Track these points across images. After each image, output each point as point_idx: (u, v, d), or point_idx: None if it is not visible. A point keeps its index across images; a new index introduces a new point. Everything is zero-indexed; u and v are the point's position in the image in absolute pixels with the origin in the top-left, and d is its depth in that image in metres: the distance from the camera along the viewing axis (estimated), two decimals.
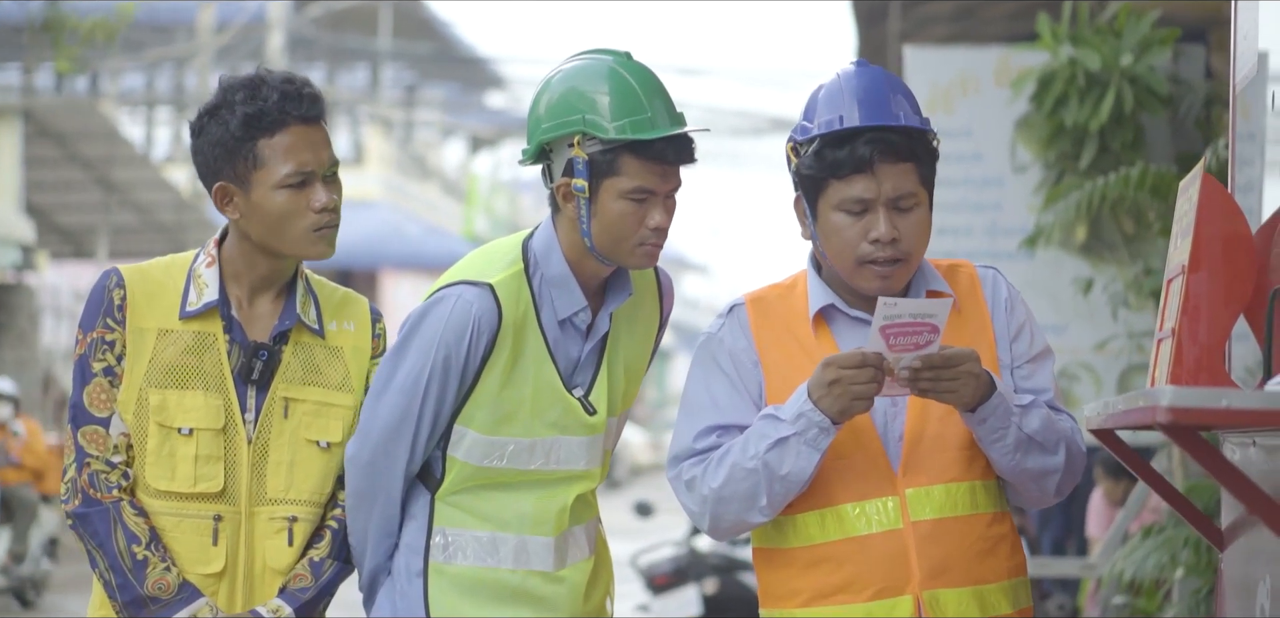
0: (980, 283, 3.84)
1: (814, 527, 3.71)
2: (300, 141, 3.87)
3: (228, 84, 3.90)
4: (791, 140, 3.77)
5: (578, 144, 3.80)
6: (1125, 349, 8.08)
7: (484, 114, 46.69)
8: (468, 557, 3.95)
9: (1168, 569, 7.02)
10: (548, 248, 3.92)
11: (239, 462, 3.90)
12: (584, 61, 3.91)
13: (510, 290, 3.89)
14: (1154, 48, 7.90)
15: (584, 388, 3.97)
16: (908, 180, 3.67)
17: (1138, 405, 3.05)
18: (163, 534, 3.87)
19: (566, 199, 3.86)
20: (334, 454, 3.97)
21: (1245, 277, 3.38)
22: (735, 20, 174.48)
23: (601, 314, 3.97)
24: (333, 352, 4.00)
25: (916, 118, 3.71)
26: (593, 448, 3.99)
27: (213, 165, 3.88)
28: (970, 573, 3.68)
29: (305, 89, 3.90)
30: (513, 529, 3.95)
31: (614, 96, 3.81)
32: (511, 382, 3.90)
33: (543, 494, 3.96)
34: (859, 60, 3.79)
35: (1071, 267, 8.12)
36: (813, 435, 3.60)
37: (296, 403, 3.94)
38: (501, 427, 3.91)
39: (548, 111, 3.86)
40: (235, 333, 3.91)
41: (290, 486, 3.93)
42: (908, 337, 3.51)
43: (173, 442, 3.86)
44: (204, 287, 3.91)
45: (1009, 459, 3.68)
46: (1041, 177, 8.21)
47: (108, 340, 3.87)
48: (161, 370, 3.87)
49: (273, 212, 3.85)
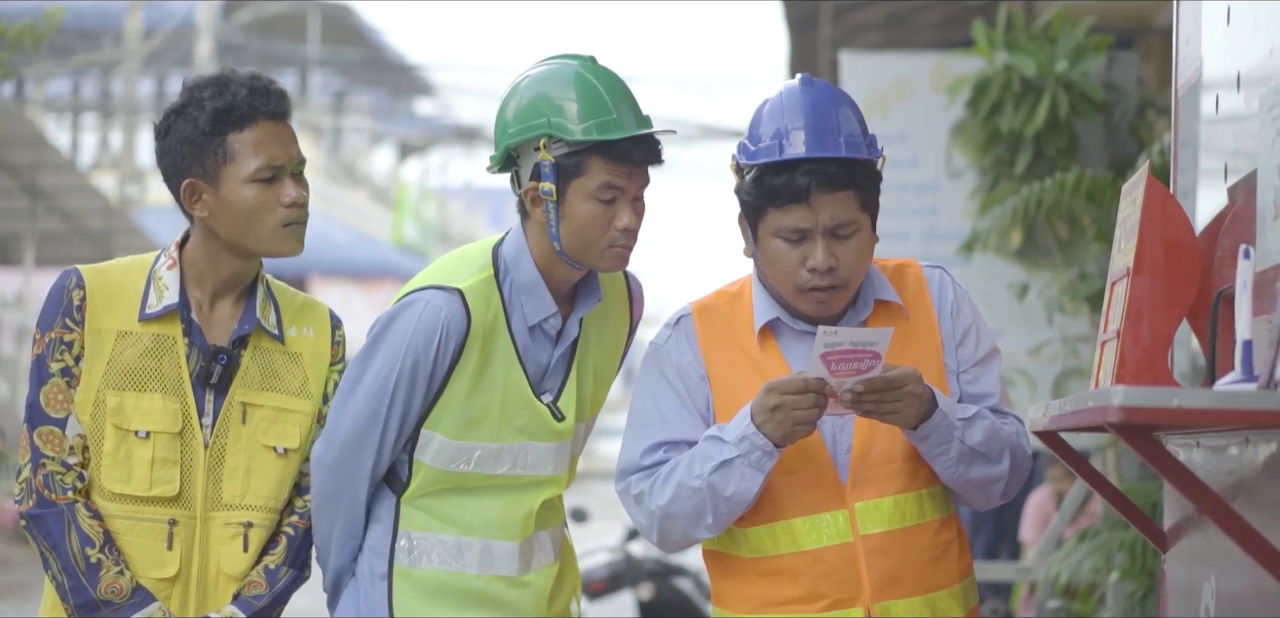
0: (927, 284, 3.85)
1: (765, 540, 3.72)
2: (269, 136, 3.86)
3: (194, 83, 3.89)
4: (734, 159, 3.77)
5: (544, 147, 3.80)
6: (1060, 354, 8.14)
7: (413, 121, 46.60)
8: (432, 560, 3.94)
9: (1103, 572, 7.07)
10: (518, 253, 3.91)
11: (195, 466, 3.87)
12: (549, 67, 3.91)
13: (480, 296, 3.88)
14: (1088, 54, 7.96)
15: (553, 394, 3.96)
16: (846, 209, 3.67)
17: (1087, 406, 3.05)
18: (117, 537, 3.84)
19: (535, 203, 3.85)
20: (291, 460, 3.95)
21: (1189, 279, 3.40)
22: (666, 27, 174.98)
23: (571, 320, 3.96)
24: (292, 357, 3.98)
25: (861, 140, 3.70)
26: (560, 454, 3.98)
27: (181, 163, 3.86)
28: (922, 582, 3.71)
29: (272, 86, 3.90)
30: (478, 534, 3.94)
31: (579, 99, 3.81)
32: (480, 387, 3.89)
33: (509, 499, 3.95)
34: (805, 77, 3.77)
35: (1006, 272, 8.17)
36: (756, 458, 3.61)
37: (254, 408, 3.91)
38: (469, 432, 3.90)
39: (514, 117, 3.86)
40: (194, 336, 3.88)
41: (246, 491, 3.90)
42: (849, 362, 3.52)
43: (129, 444, 3.83)
44: (164, 289, 3.88)
45: (953, 471, 3.70)
46: (977, 182, 8.27)
47: (66, 341, 3.84)
48: (119, 373, 3.84)
49: (243, 206, 3.83)
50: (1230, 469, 3.33)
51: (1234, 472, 3.31)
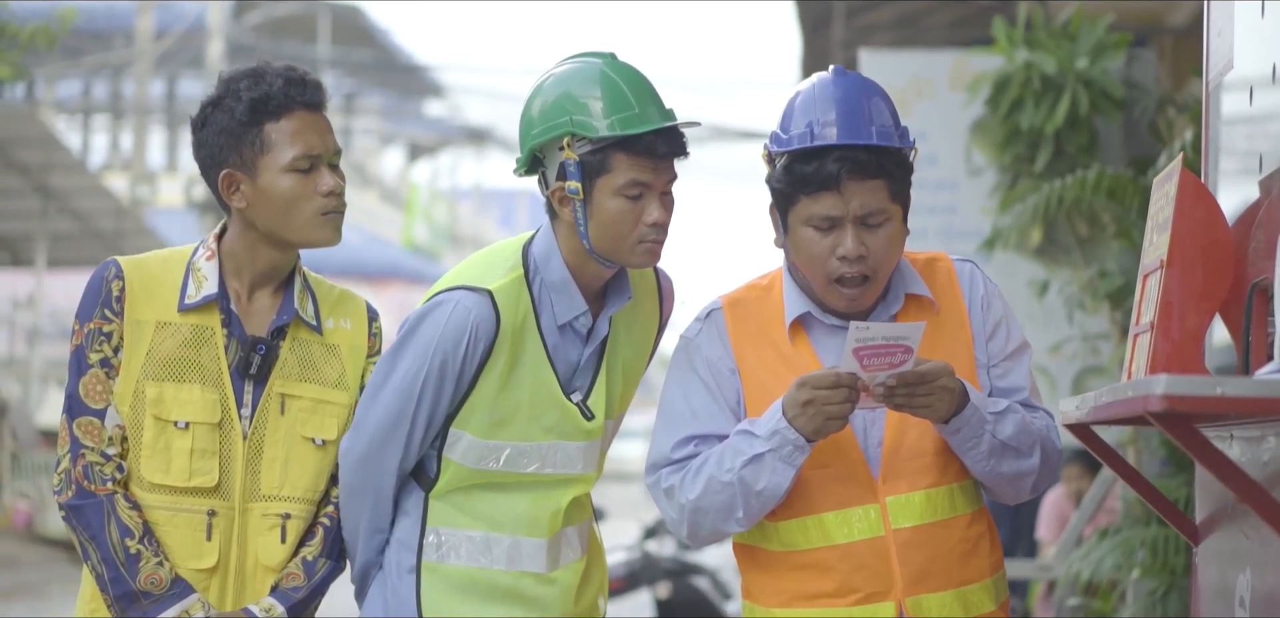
0: (958, 278, 3.84)
1: (796, 534, 3.71)
2: (306, 126, 3.86)
3: (230, 75, 3.89)
4: (766, 148, 3.76)
5: (568, 146, 3.79)
6: (1080, 352, 8.13)
7: (423, 122, 46.63)
8: (461, 557, 3.93)
9: (1124, 570, 7.06)
10: (547, 252, 3.90)
11: (234, 457, 3.87)
12: (572, 65, 3.90)
13: (509, 296, 3.88)
14: (1108, 52, 7.94)
15: (583, 392, 3.95)
16: (877, 197, 3.66)
17: (1126, 396, 3.04)
18: (156, 528, 3.83)
19: (562, 203, 3.84)
20: (328, 451, 3.95)
21: (1223, 272, 3.39)
22: (678, 28, 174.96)
23: (601, 318, 3.96)
24: (330, 349, 3.98)
25: (893, 130, 3.70)
26: (589, 452, 3.98)
27: (218, 154, 3.86)
28: (952, 576, 3.70)
29: (308, 77, 3.90)
30: (506, 530, 3.94)
31: (603, 96, 3.80)
32: (509, 386, 3.88)
33: (537, 496, 3.95)
34: (837, 68, 3.77)
35: (1026, 270, 8.15)
36: (787, 452, 3.61)
37: (293, 399, 3.92)
38: (498, 430, 3.90)
39: (538, 116, 3.86)
40: (233, 327, 3.88)
41: (284, 482, 3.90)
42: (881, 357, 3.51)
43: (168, 435, 3.83)
44: (203, 280, 3.88)
45: (984, 465, 3.69)
46: (996, 180, 8.25)
47: (105, 332, 3.84)
48: (158, 363, 3.84)
49: (280, 196, 3.83)
50: (1267, 461, 3.32)
51: (1270, 463, 3.29)
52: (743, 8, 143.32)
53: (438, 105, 46.44)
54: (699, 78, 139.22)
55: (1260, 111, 3.56)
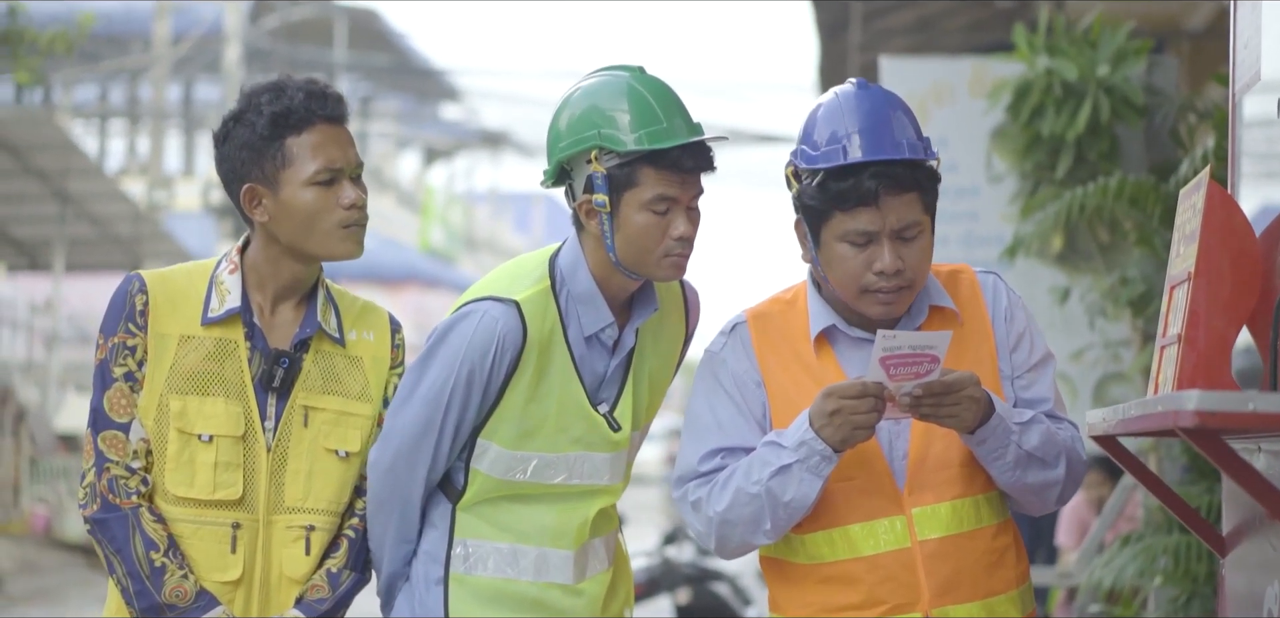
0: (981, 290, 3.85)
1: (823, 546, 3.71)
2: (328, 139, 3.88)
3: (251, 89, 3.91)
4: (792, 164, 3.76)
5: (596, 159, 3.80)
6: (1102, 359, 8.11)
7: (439, 126, 46.67)
8: (488, 568, 3.95)
9: (1146, 577, 7.03)
10: (574, 264, 3.92)
11: (258, 469, 3.88)
12: (600, 79, 3.91)
13: (536, 307, 3.89)
14: (1129, 58, 7.92)
15: (609, 403, 3.97)
16: (912, 210, 3.67)
17: (1156, 411, 3.04)
18: (180, 541, 3.85)
19: (589, 216, 3.85)
20: (351, 464, 3.96)
21: (1250, 284, 3.39)
22: (694, 31, 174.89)
23: (627, 329, 3.97)
24: (353, 361, 3.99)
25: (919, 143, 3.70)
26: (616, 463, 3.99)
27: (240, 168, 3.88)
28: (979, 587, 3.70)
29: (329, 90, 3.92)
30: (533, 542, 3.95)
31: (630, 110, 3.81)
32: (536, 397, 3.90)
33: (564, 508, 3.96)
34: (860, 82, 3.77)
35: (1048, 277, 8.14)
36: (815, 463, 3.61)
37: (316, 411, 3.93)
38: (525, 441, 3.91)
39: (566, 129, 3.87)
40: (257, 340, 3.89)
41: (308, 494, 3.91)
42: (908, 366, 3.52)
43: (192, 448, 3.85)
44: (226, 293, 3.90)
45: (1009, 475, 3.69)
46: (1017, 187, 8.23)
47: (129, 346, 3.86)
48: (182, 376, 3.85)
49: (302, 209, 3.84)
50: None
51: None
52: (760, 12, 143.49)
53: (454, 109, 46.50)
54: (716, 81, 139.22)
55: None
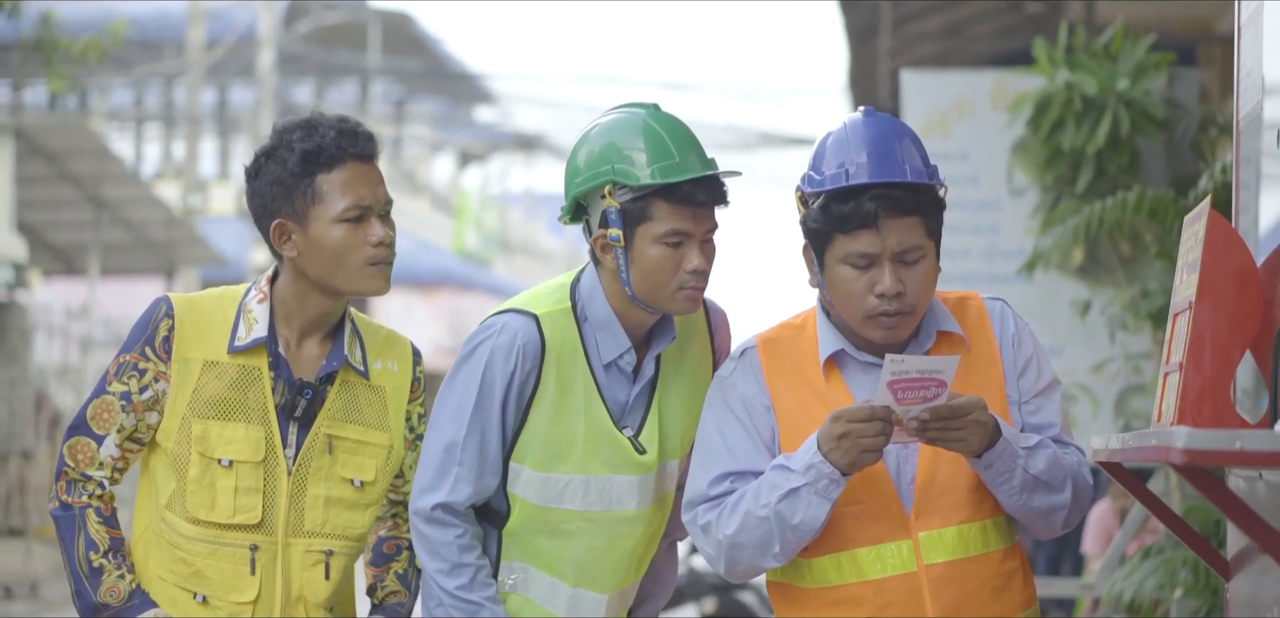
0: (988, 316, 3.88)
1: (830, 570, 3.76)
2: (357, 177, 3.93)
3: (283, 126, 3.97)
4: (799, 190, 3.81)
5: (609, 194, 3.87)
6: (1123, 371, 8.11)
7: (473, 129, 46.69)
8: (532, 593, 4.03)
9: (1166, 590, 7.05)
10: (592, 292, 3.99)
11: (278, 493, 3.94)
12: (617, 116, 3.98)
13: (556, 324, 3.97)
14: (1149, 72, 7.93)
15: (634, 429, 4.02)
16: (913, 234, 3.71)
17: (1150, 444, 3.08)
18: (196, 559, 3.92)
19: (605, 250, 3.93)
20: (367, 493, 4.03)
21: (1252, 312, 3.42)
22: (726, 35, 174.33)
23: (647, 358, 4.03)
24: (375, 391, 4.06)
25: (924, 169, 3.74)
26: (644, 488, 4.04)
27: (270, 204, 3.94)
28: (984, 611, 3.74)
29: (360, 128, 3.98)
30: (569, 582, 4.03)
31: (644, 146, 3.88)
32: (561, 418, 3.97)
33: (597, 542, 4.03)
34: (867, 109, 3.82)
35: (1069, 289, 8.15)
36: (823, 486, 3.65)
37: (339, 440, 3.99)
38: (556, 464, 3.98)
39: (582, 166, 3.94)
40: (281, 370, 3.95)
41: (326, 520, 3.98)
42: (916, 390, 3.56)
43: (212, 472, 3.91)
44: (253, 322, 3.96)
45: (1016, 499, 3.73)
46: (1038, 200, 8.25)
47: (139, 368, 3.93)
48: (205, 401, 3.92)
49: (331, 246, 3.90)
50: None
51: None
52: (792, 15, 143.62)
53: (488, 112, 46.49)
54: (750, 84, 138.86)
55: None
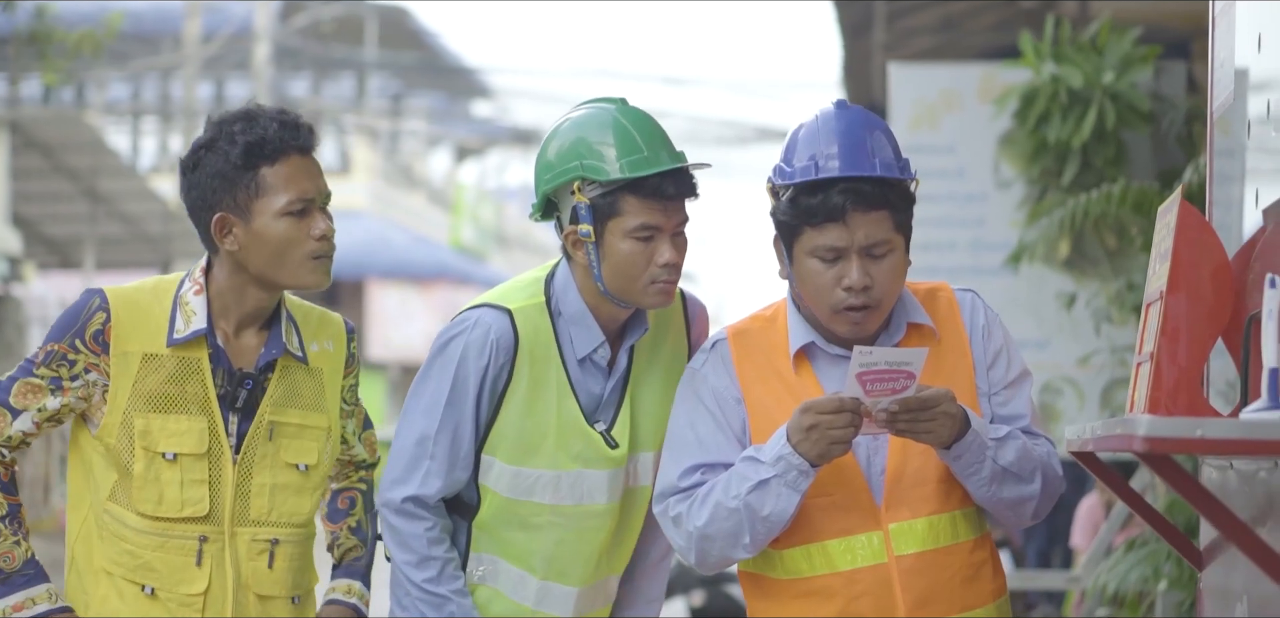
0: (959, 307, 3.89)
1: (801, 561, 3.77)
2: (300, 170, 3.91)
3: (221, 118, 3.93)
4: (770, 181, 3.83)
5: (579, 190, 3.87)
6: (1108, 364, 8.13)
7: (470, 123, 46.68)
8: (500, 584, 4.03)
9: (1151, 582, 7.06)
10: (565, 287, 4.00)
11: (224, 482, 3.93)
12: (584, 112, 3.99)
13: (529, 318, 3.97)
14: (1135, 65, 7.95)
15: (607, 424, 4.03)
16: (881, 228, 3.72)
17: (1115, 432, 3.09)
18: (143, 552, 3.89)
19: (576, 246, 3.93)
20: (311, 477, 4.02)
21: (1223, 302, 3.43)
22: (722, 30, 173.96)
23: (621, 351, 4.03)
24: (313, 373, 4.04)
25: (895, 163, 3.75)
26: (614, 482, 4.04)
27: (210, 197, 3.90)
28: (955, 602, 3.75)
29: (301, 121, 3.95)
30: (538, 574, 4.04)
31: (613, 141, 3.89)
32: (533, 412, 3.97)
33: (568, 535, 4.03)
34: (840, 102, 3.83)
35: (1055, 282, 8.17)
36: (792, 478, 3.66)
37: (280, 426, 3.98)
38: (527, 458, 3.98)
39: (552, 161, 3.95)
40: (220, 361, 3.93)
41: (272, 508, 3.96)
42: (884, 382, 3.57)
43: (157, 466, 3.89)
44: (191, 314, 3.92)
45: (985, 491, 3.74)
46: (1024, 193, 8.27)
47: (68, 358, 3.88)
48: (145, 396, 3.89)
49: (274, 239, 3.88)
50: (1260, 492, 3.35)
51: (1264, 495, 3.33)
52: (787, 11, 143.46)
53: (485, 106, 46.49)
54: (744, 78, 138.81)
55: (1258, 142, 3.59)
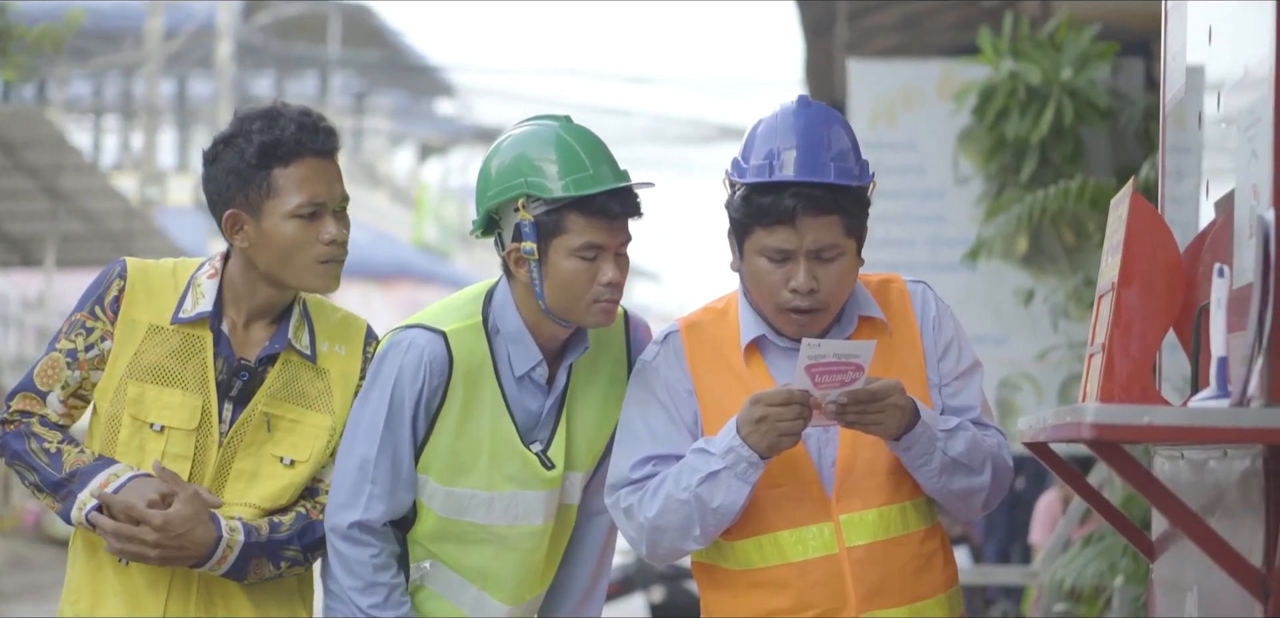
0: (910, 299, 3.90)
1: (753, 552, 3.78)
2: (314, 173, 3.90)
3: (244, 114, 3.93)
4: (727, 175, 3.82)
5: (523, 207, 3.84)
6: (1066, 359, 8.17)
7: (433, 122, 46.68)
8: (438, 586, 4.01)
9: (1108, 577, 7.10)
10: (504, 305, 3.95)
11: (206, 461, 3.92)
12: (527, 128, 3.94)
13: (464, 340, 3.93)
14: (1093, 62, 7.98)
15: (543, 443, 3.99)
16: (831, 233, 3.72)
17: (1065, 421, 3.10)
18: None
19: (518, 264, 3.87)
20: (297, 471, 3.98)
21: (1174, 293, 3.44)
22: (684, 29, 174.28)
23: (560, 369, 3.99)
24: (319, 374, 4.01)
25: (852, 166, 3.74)
26: (550, 503, 4.01)
27: (225, 193, 3.90)
28: (906, 592, 3.76)
29: (321, 123, 3.93)
30: (475, 584, 4.02)
31: (557, 159, 3.84)
32: (465, 432, 3.94)
33: (504, 552, 4.01)
34: (801, 98, 3.81)
35: (1013, 278, 8.20)
36: (742, 470, 3.66)
37: (276, 419, 3.97)
38: (460, 478, 3.95)
39: (494, 178, 3.90)
40: (222, 347, 3.93)
41: (248, 492, 3.95)
42: (833, 374, 3.57)
43: (143, 435, 3.90)
44: (201, 296, 3.94)
45: (935, 482, 3.75)
46: (983, 189, 8.30)
47: (87, 326, 3.92)
48: (144, 366, 3.90)
49: (282, 241, 3.87)
50: (1210, 482, 3.37)
51: (1214, 484, 3.35)
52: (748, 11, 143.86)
53: (448, 105, 46.50)
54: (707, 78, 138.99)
55: (1208, 135, 3.61)
